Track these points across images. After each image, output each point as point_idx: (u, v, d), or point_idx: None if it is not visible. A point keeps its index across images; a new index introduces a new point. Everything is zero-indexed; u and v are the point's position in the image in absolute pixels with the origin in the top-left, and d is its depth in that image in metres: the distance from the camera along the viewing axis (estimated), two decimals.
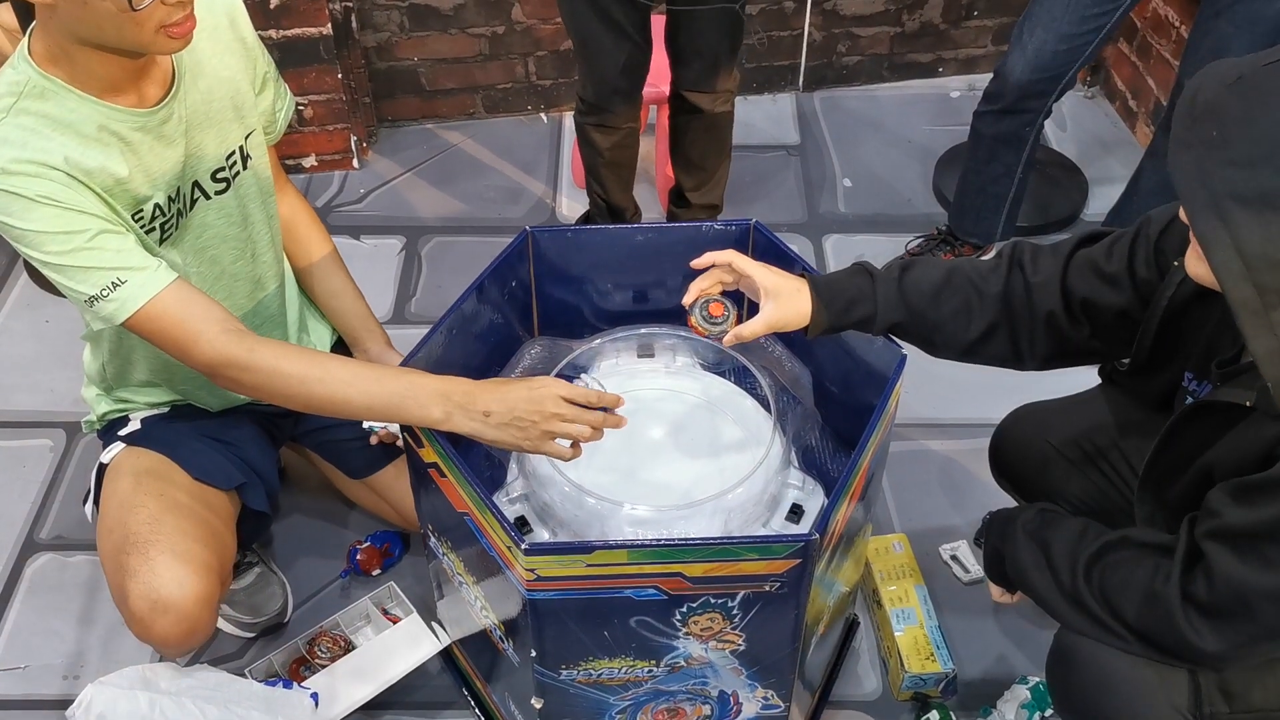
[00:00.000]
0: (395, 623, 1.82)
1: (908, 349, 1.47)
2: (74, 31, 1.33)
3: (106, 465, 1.71)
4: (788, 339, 1.62)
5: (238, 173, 1.59)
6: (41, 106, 1.35)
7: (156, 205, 1.48)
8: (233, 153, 1.57)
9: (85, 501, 1.78)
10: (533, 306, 1.68)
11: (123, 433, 1.72)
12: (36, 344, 2.44)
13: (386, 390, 1.38)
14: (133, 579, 1.53)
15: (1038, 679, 1.79)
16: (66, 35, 1.34)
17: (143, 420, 1.73)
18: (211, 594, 1.57)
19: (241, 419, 1.78)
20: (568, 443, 1.37)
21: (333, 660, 1.77)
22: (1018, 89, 2.21)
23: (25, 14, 1.42)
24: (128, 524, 1.58)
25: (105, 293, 1.37)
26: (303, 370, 1.42)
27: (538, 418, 1.34)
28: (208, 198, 1.56)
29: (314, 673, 1.75)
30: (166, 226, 1.51)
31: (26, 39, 1.38)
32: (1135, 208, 2.37)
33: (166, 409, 1.75)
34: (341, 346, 1.91)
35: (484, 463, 1.57)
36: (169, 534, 1.57)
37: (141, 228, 1.47)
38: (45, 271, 1.38)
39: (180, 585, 1.53)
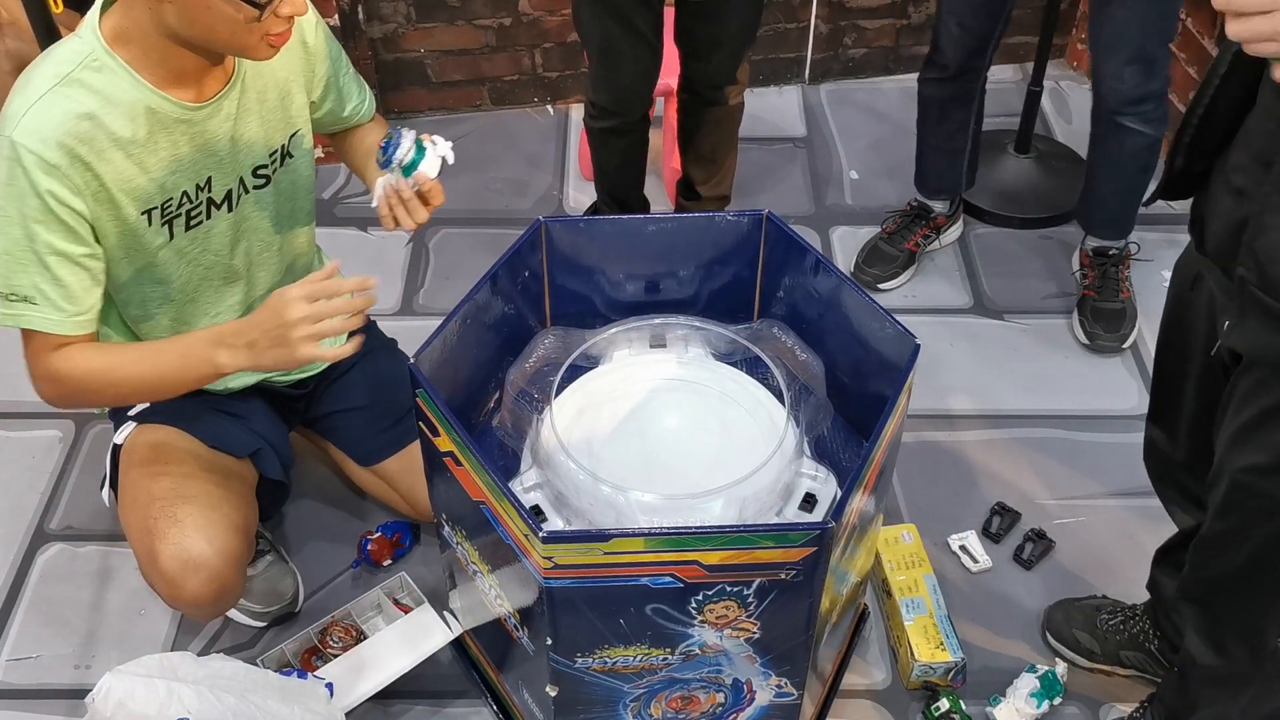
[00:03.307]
0: (406, 612, 1.83)
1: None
2: (174, 27, 1.37)
3: (120, 446, 1.71)
4: (800, 329, 1.63)
5: (277, 169, 1.63)
6: (96, 79, 1.39)
7: (185, 193, 1.51)
8: (275, 150, 1.61)
9: (103, 487, 1.78)
10: (545, 297, 1.68)
11: (132, 412, 1.73)
12: None
13: (169, 357, 1.47)
14: (162, 540, 1.56)
15: (1046, 667, 1.80)
16: (158, 27, 1.38)
17: (152, 401, 1.74)
18: (240, 553, 1.61)
19: (250, 396, 1.79)
20: (333, 340, 1.42)
21: (344, 650, 1.77)
22: (956, 62, 2.30)
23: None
24: (151, 491, 1.61)
25: (12, 296, 1.42)
26: (104, 362, 1.49)
27: (287, 330, 1.37)
28: (247, 191, 1.60)
29: (326, 662, 1.75)
30: (194, 214, 1.54)
31: (97, 12, 1.41)
32: (1095, 194, 2.40)
33: None
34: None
35: (498, 451, 1.58)
36: (194, 497, 1.60)
37: (165, 217, 1.50)
38: None
39: (210, 543, 1.57)
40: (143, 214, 1.48)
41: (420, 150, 1.53)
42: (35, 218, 1.38)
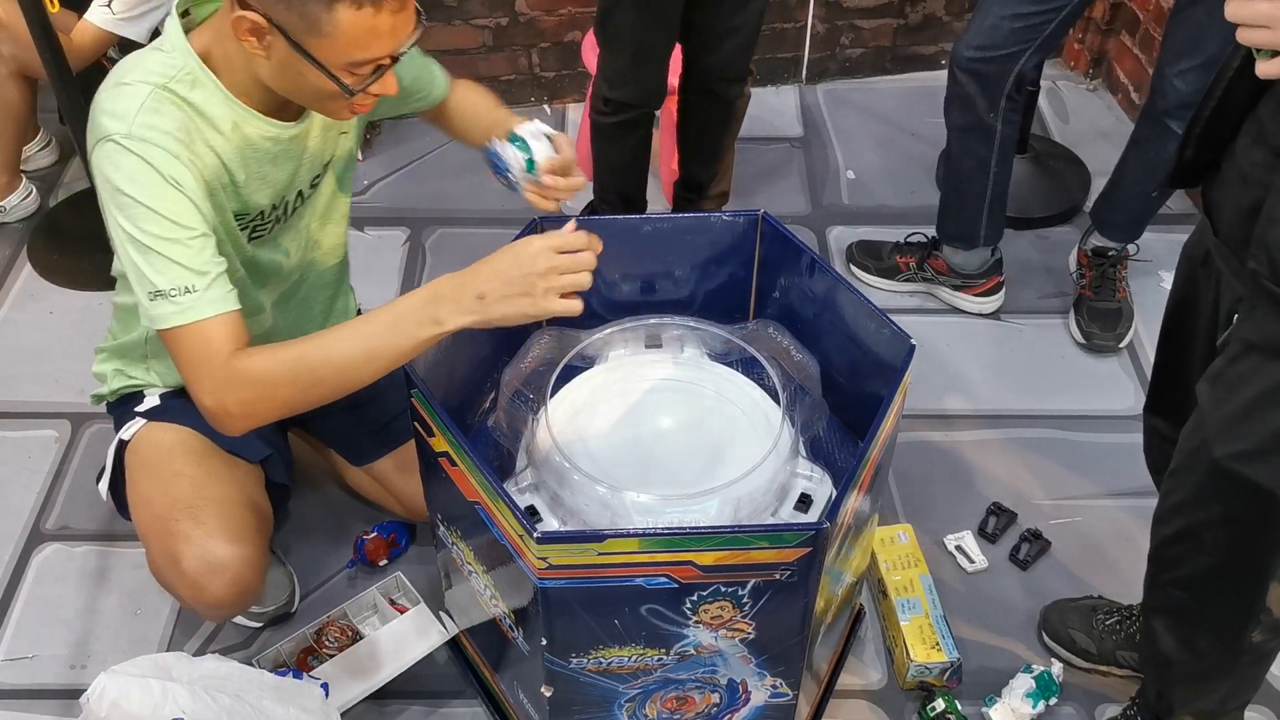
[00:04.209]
0: (402, 613, 1.83)
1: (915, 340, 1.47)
2: (264, 77, 1.38)
3: (127, 442, 1.70)
4: (796, 329, 1.63)
5: (326, 174, 1.64)
6: (188, 93, 1.39)
7: (261, 211, 1.52)
8: (327, 159, 1.62)
9: (99, 480, 1.77)
10: None
11: (140, 409, 1.72)
12: (41, 335, 2.44)
13: (374, 327, 1.34)
14: (185, 543, 1.56)
15: (1042, 667, 1.80)
16: (249, 69, 1.39)
17: (161, 396, 1.73)
18: (260, 559, 1.62)
19: None
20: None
21: (340, 650, 1.77)
22: (965, 70, 2.17)
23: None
24: (170, 492, 1.60)
25: (174, 293, 1.35)
26: (294, 350, 1.36)
27: (535, 278, 1.28)
28: (303, 201, 1.61)
29: (322, 662, 1.76)
30: (260, 229, 1.55)
31: (178, 24, 1.41)
32: (1121, 195, 2.38)
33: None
34: None
35: (493, 451, 1.58)
36: (217, 500, 1.60)
37: (240, 227, 1.51)
38: (126, 248, 1.36)
39: (233, 545, 1.58)
40: (235, 216, 1.50)
41: (525, 147, 1.51)
42: (173, 206, 1.35)
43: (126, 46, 2.52)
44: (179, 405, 1.70)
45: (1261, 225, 1.18)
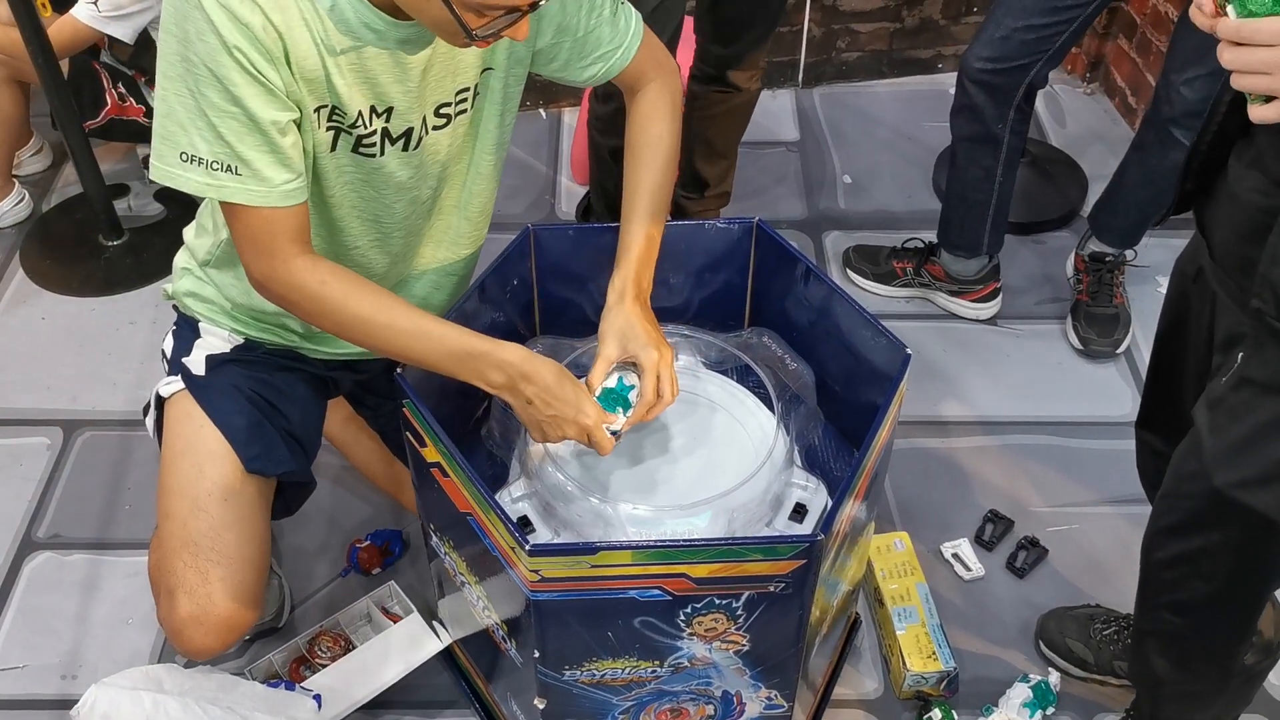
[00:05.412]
0: (396, 622, 1.81)
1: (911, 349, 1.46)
2: None
3: (165, 398, 1.64)
4: (791, 338, 1.62)
5: (463, 110, 1.47)
6: None
7: (360, 113, 1.36)
8: (464, 89, 1.46)
9: (146, 414, 1.70)
10: (534, 305, 1.67)
11: (188, 361, 1.63)
12: (32, 341, 2.43)
13: (442, 349, 1.38)
14: (185, 592, 1.51)
15: (1039, 677, 1.79)
16: None
17: (207, 359, 1.64)
18: (250, 623, 1.56)
19: (296, 380, 1.69)
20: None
21: (333, 660, 1.76)
22: (974, 81, 2.15)
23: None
24: (189, 525, 1.54)
25: (213, 165, 1.27)
26: (369, 314, 1.37)
27: (558, 427, 1.41)
28: (427, 133, 1.46)
29: (314, 672, 1.74)
30: (367, 141, 1.40)
31: None
32: (1121, 201, 2.37)
33: (240, 339, 1.65)
34: None
35: (485, 461, 1.57)
36: (229, 560, 1.54)
37: (333, 123, 1.37)
38: (172, 102, 1.26)
39: (229, 616, 1.52)
40: (315, 110, 1.33)
41: (625, 405, 1.47)
42: (230, 78, 1.23)
43: (117, 46, 2.51)
44: (220, 385, 1.61)
45: (1265, 264, 1.15)
